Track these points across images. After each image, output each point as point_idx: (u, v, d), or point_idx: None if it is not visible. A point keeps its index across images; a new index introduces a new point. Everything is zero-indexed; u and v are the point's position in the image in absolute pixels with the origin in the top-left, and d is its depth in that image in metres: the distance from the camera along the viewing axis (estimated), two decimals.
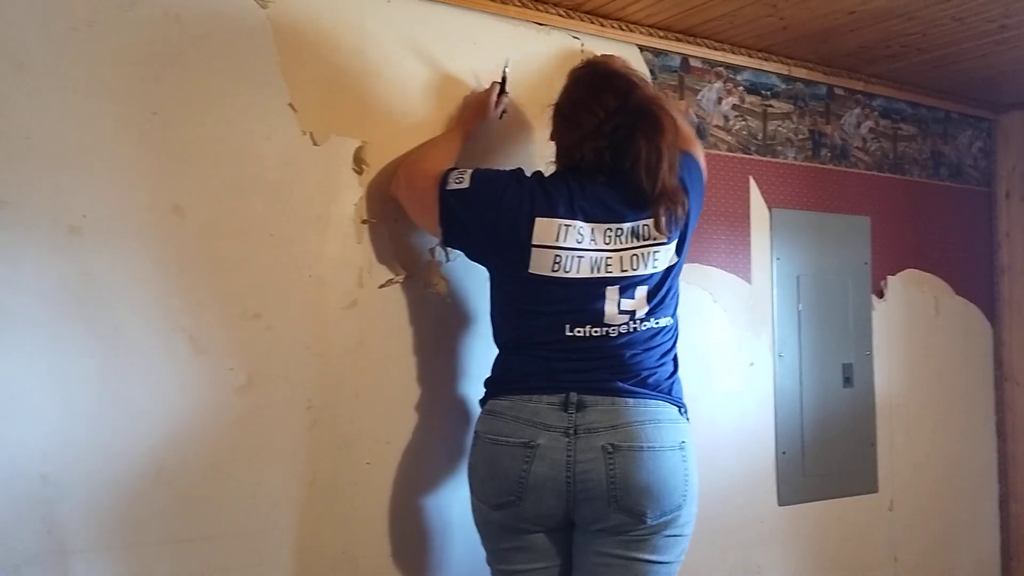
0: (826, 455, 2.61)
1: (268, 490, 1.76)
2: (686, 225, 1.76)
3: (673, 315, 1.77)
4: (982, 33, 2.38)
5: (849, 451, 2.67)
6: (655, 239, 1.69)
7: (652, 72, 2.35)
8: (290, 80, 1.80)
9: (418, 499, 1.93)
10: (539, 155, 2.07)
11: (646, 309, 1.69)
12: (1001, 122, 3.18)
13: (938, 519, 2.91)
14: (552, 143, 1.83)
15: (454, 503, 1.94)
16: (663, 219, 1.68)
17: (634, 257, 1.69)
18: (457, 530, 1.95)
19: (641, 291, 1.69)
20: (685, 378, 2.26)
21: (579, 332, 1.67)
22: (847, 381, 2.68)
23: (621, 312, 1.67)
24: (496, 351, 1.81)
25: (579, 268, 1.66)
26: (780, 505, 2.52)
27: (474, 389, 1.97)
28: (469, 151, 1.96)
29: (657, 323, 1.72)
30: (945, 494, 2.94)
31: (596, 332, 1.67)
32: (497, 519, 1.70)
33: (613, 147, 1.68)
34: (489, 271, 1.82)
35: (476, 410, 1.82)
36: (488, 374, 1.81)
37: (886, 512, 2.76)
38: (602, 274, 1.67)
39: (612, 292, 1.67)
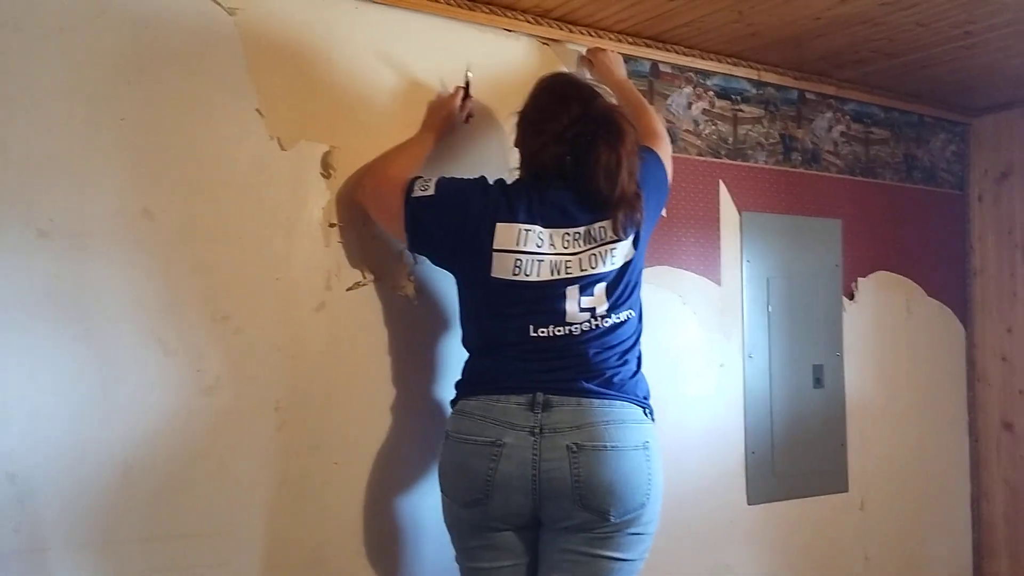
0: (796, 455, 2.65)
1: (238, 490, 1.79)
2: (644, 223, 1.81)
3: (634, 309, 1.80)
4: (948, 39, 2.41)
5: (819, 451, 2.71)
6: (611, 239, 1.74)
7: None
8: (258, 86, 1.84)
9: (389, 498, 1.96)
10: (507, 160, 2.10)
11: (606, 305, 1.73)
12: (974, 126, 3.22)
13: (910, 519, 2.95)
14: (516, 150, 1.87)
15: (425, 502, 1.97)
16: (621, 223, 1.74)
17: (592, 257, 1.73)
18: (429, 528, 1.98)
19: (600, 288, 1.74)
20: (655, 380, 2.29)
21: (543, 332, 1.71)
22: (817, 382, 2.72)
23: (582, 310, 1.71)
24: (466, 354, 1.85)
25: (539, 271, 1.71)
26: (750, 504, 2.55)
27: (444, 390, 2.01)
28: (438, 157, 1.99)
29: (618, 318, 1.76)
30: (917, 494, 2.97)
31: (559, 331, 1.71)
32: (466, 517, 1.74)
33: (575, 153, 1.74)
34: (455, 276, 1.85)
35: (447, 410, 1.85)
36: (458, 376, 1.84)
37: (857, 511, 2.79)
38: (562, 275, 1.71)
39: (572, 291, 1.72)
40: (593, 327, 1.73)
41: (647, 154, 1.89)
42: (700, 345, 2.51)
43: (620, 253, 1.76)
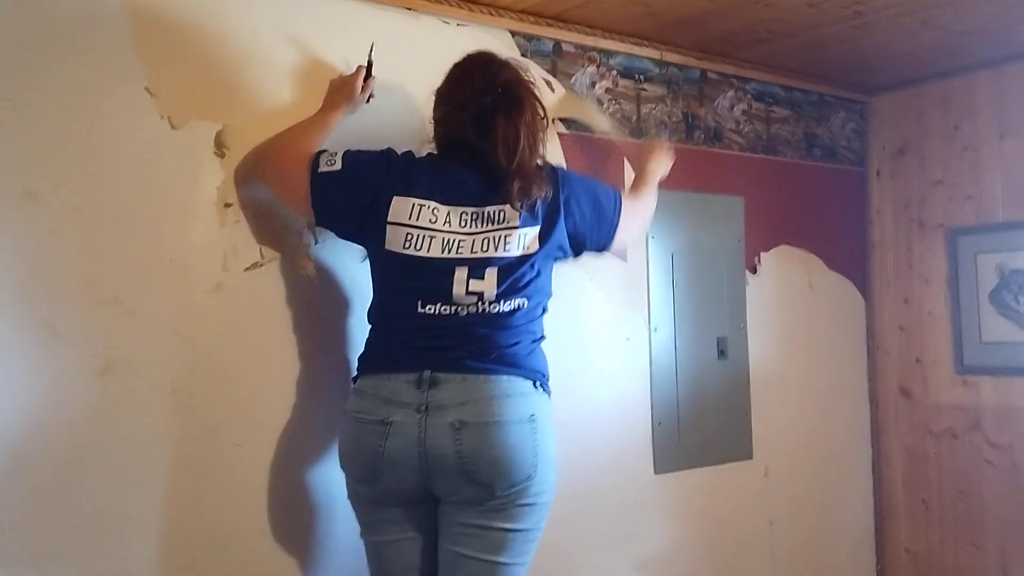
0: (701, 425, 2.73)
1: (133, 474, 1.77)
2: (556, 219, 1.81)
3: (530, 298, 1.79)
4: (839, 19, 2.49)
5: (724, 420, 2.79)
6: (509, 223, 1.76)
7: (525, 56, 2.40)
8: (147, 64, 1.81)
9: (294, 478, 1.97)
10: (407, 139, 2.10)
11: (495, 292, 1.74)
12: (873, 104, 3.33)
13: (813, 483, 3.06)
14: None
15: (333, 479, 1.96)
16: (515, 194, 1.74)
17: (486, 240, 1.75)
18: (339, 505, 1.97)
19: (491, 273, 1.74)
20: (563, 355, 2.34)
21: (430, 310, 1.73)
22: (721, 353, 2.80)
23: (469, 293, 1.73)
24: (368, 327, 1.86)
25: (430, 247, 1.73)
26: (657, 474, 2.62)
27: (347, 367, 2.01)
28: (344, 136, 1.98)
29: (508, 306, 1.75)
30: (820, 459, 3.09)
31: (445, 311, 1.73)
32: (364, 492, 1.78)
33: (475, 123, 1.76)
34: (366, 248, 1.86)
35: (346, 388, 1.86)
36: (362, 350, 1.85)
37: (761, 478, 2.89)
38: (453, 255, 1.73)
39: (461, 272, 1.73)
40: (480, 311, 1.74)
41: (609, 185, 1.98)
42: (607, 320, 2.56)
43: (519, 243, 1.76)
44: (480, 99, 1.77)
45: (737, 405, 2.83)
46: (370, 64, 2.01)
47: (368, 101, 2.04)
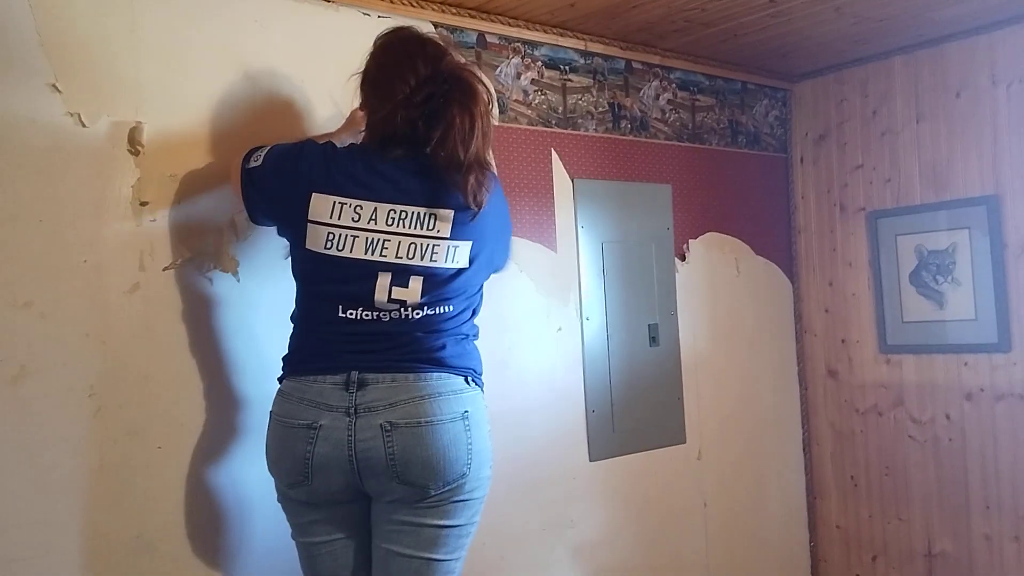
0: (634, 411, 2.76)
1: (51, 479, 1.73)
2: (488, 232, 1.76)
3: (457, 303, 1.75)
4: (755, 8, 2.54)
5: (657, 406, 2.83)
6: (439, 233, 1.69)
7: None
8: (53, 61, 1.75)
9: (216, 479, 1.94)
10: (318, 130, 2.08)
11: (419, 301, 1.69)
12: (795, 91, 3.40)
13: (745, 465, 3.12)
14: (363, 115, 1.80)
15: (252, 480, 1.95)
16: (471, 188, 1.67)
17: (412, 246, 1.68)
18: (258, 507, 1.96)
19: (415, 282, 1.69)
20: (495, 347, 2.35)
21: (351, 314, 1.69)
22: (653, 340, 2.83)
23: (391, 300, 1.68)
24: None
25: (352, 247, 1.67)
26: (591, 461, 2.65)
27: (271, 367, 1.97)
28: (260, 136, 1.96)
29: (434, 310, 1.71)
30: (752, 441, 3.16)
31: (367, 316, 1.69)
32: (294, 496, 1.74)
33: (426, 116, 1.67)
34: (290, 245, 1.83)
35: (273, 387, 1.83)
36: (285, 350, 1.83)
37: (694, 461, 2.94)
38: (376, 257, 1.67)
39: (383, 278, 1.67)
40: (403, 317, 1.69)
41: (498, 187, 1.83)
42: (538, 311, 2.58)
43: (445, 256, 1.70)
44: (428, 89, 1.67)
45: (669, 390, 2.88)
46: None
47: None
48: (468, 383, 1.75)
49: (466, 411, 1.71)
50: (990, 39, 2.86)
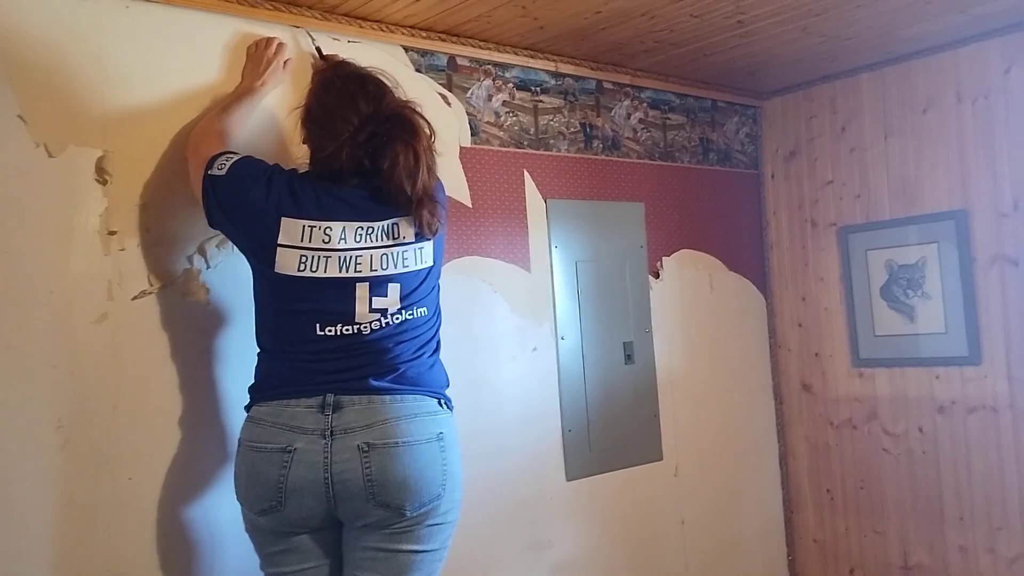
0: (611, 429, 2.77)
1: (18, 515, 1.70)
2: (442, 232, 1.84)
3: (429, 306, 1.81)
4: (722, 28, 2.57)
5: (633, 424, 2.84)
6: (405, 239, 1.75)
7: (419, 71, 2.40)
8: (18, 91, 1.75)
9: (186, 510, 1.92)
10: (286, 154, 2.08)
11: (399, 306, 1.74)
12: (764, 108, 3.44)
13: (723, 480, 3.13)
14: (305, 147, 1.84)
15: (223, 510, 1.93)
16: (426, 221, 1.75)
17: (385, 256, 1.73)
18: (228, 537, 1.94)
19: (394, 288, 1.74)
20: (469, 367, 2.34)
21: (330, 331, 1.71)
22: (628, 358, 2.84)
23: (372, 310, 1.71)
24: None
25: (327, 267, 1.70)
26: (568, 480, 2.64)
27: (239, 395, 1.96)
28: None
29: (412, 315, 1.76)
30: (728, 456, 3.17)
31: (347, 331, 1.71)
32: (263, 524, 1.73)
33: (371, 154, 1.73)
34: (251, 268, 1.82)
35: (242, 416, 1.82)
36: (252, 379, 1.82)
37: (671, 478, 2.95)
38: (351, 273, 1.71)
39: (362, 290, 1.71)
40: (383, 325, 1.73)
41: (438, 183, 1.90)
42: (512, 331, 2.58)
43: (416, 257, 1.77)
44: (370, 128, 1.72)
45: (645, 408, 2.88)
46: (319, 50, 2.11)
47: (284, 66, 2.07)
48: (441, 405, 1.79)
49: (441, 432, 1.74)
50: (955, 56, 2.90)
